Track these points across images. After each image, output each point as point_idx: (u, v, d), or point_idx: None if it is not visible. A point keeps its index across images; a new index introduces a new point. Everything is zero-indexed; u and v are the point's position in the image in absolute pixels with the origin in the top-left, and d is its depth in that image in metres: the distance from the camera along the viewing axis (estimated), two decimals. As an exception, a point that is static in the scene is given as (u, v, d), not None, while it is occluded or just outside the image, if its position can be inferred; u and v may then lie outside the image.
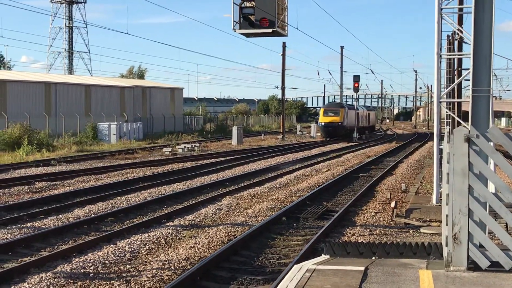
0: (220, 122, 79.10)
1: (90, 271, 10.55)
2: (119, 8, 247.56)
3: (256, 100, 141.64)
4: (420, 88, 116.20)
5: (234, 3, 21.04)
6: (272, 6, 21.05)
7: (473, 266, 7.60)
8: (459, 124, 17.50)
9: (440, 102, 16.16)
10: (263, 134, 63.49)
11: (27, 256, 11.77)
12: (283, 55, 60.39)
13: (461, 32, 17.38)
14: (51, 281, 9.91)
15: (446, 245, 7.66)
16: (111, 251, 11.87)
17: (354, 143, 52.85)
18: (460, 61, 23.94)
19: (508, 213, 7.54)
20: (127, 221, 15.38)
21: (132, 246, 12.38)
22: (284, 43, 59.91)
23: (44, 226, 14.49)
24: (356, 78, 61.20)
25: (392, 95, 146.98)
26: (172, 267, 10.84)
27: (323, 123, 56.93)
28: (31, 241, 12.78)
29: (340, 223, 15.13)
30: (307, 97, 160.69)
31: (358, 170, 27.94)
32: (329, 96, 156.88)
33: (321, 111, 58.55)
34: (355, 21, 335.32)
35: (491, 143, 7.75)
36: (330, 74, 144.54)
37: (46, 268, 10.72)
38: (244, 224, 14.89)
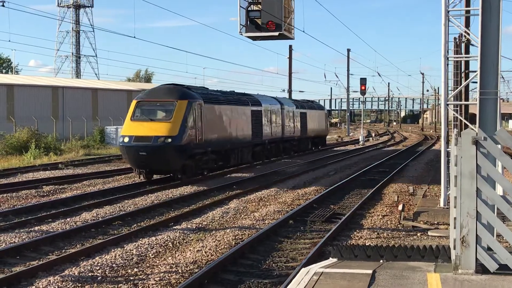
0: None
1: (98, 274, 10.58)
2: (126, 12, 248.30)
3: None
4: (427, 90, 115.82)
5: (241, 6, 21.10)
6: (279, 9, 21.10)
7: (481, 269, 7.57)
8: (466, 126, 17.46)
9: (448, 105, 16.12)
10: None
11: (35, 259, 11.80)
12: (290, 58, 60.44)
13: (468, 34, 17.35)
14: (59, 284, 9.94)
15: (454, 248, 7.64)
16: (119, 255, 11.90)
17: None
18: (467, 63, 23.92)
19: (517, 216, 7.51)
20: (135, 225, 15.41)
21: (139, 249, 12.40)
22: (290, 46, 59.98)
23: (51, 230, 14.53)
24: (363, 81, 61.11)
25: (399, 98, 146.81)
26: (180, 271, 10.85)
27: (126, 138, 23.27)
28: (39, 244, 12.82)
29: (348, 226, 15.10)
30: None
31: (365, 173, 27.94)
32: (335, 99, 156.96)
33: (131, 108, 24.57)
34: (362, 24, 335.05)
35: (499, 146, 7.72)
36: (337, 77, 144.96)
37: (54, 271, 10.74)
38: (251, 228, 14.89)
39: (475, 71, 18.14)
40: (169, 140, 22.72)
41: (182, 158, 23.40)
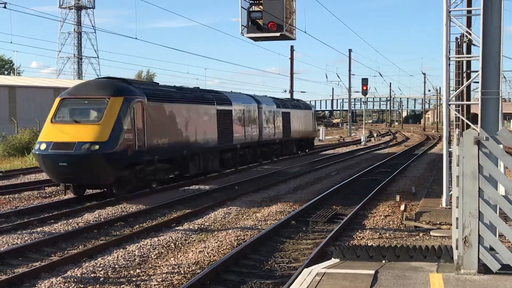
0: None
1: (100, 275, 10.58)
2: (128, 13, 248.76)
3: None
4: (429, 90, 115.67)
5: (242, 7, 21.08)
6: (280, 10, 21.08)
7: (483, 269, 7.57)
8: (468, 126, 17.45)
9: (449, 105, 16.12)
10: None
11: (37, 261, 11.82)
12: (291, 58, 60.45)
13: (470, 34, 17.35)
14: (62, 285, 9.95)
15: (457, 248, 7.64)
16: (121, 256, 11.90)
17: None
18: (468, 63, 23.89)
19: (519, 216, 7.51)
20: (137, 226, 15.42)
21: (141, 250, 12.41)
22: (292, 46, 59.97)
23: (54, 231, 14.55)
24: (365, 81, 60.97)
25: (400, 98, 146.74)
26: (182, 271, 10.85)
27: (42, 145, 19.04)
28: (41, 246, 12.84)
29: (350, 227, 15.10)
30: (315, 101, 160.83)
31: (367, 173, 27.94)
32: (337, 100, 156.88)
33: (53, 107, 20.14)
34: (363, 24, 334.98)
35: (501, 146, 7.72)
36: (339, 77, 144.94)
37: (57, 272, 10.76)
38: (253, 228, 14.89)
39: (476, 71, 18.16)
40: (96, 147, 18.39)
41: (115, 169, 18.92)
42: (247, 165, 31.17)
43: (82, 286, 10.00)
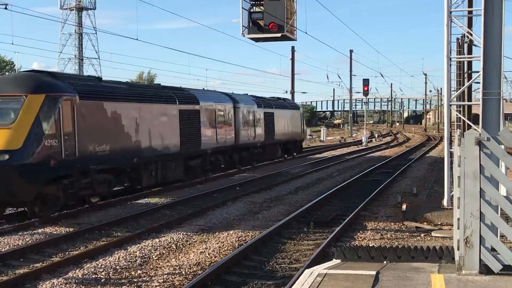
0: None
1: (102, 276, 10.59)
2: (129, 14, 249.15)
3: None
4: (430, 91, 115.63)
5: (243, 8, 21.09)
6: (281, 10, 21.09)
7: (485, 269, 7.56)
8: (469, 127, 17.44)
9: (450, 105, 16.11)
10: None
11: (38, 262, 11.83)
12: (292, 59, 60.45)
13: (471, 34, 17.35)
14: (63, 286, 9.97)
15: (458, 249, 7.64)
16: (122, 257, 11.91)
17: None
18: (470, 63, 23.91)
19: (520, 216, 7.51)
20: (138, 227, 15.41)
21: (143, 251, 12.42)
22: (293, 47, 59.95)
23: (55, 232, 14.55)
24: (366, 82, 60.93)
25: (401, 99, 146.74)
26: (183, 272, 10.85)
27: None
28: (42, 247, 12.85)
29: (351, 227, 15.09)
30: (316, 101, 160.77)
31: (368, 174, 27.93)
32: (338, 100, 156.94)
33: None
34: (364, 24, 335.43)
35: (502, 146, 7.72)
36: (340, 78, 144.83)
37: (58, 274, 10.76)
38: (255, 229, 14.88)
39: (478, 72, 18.16)
40: (6, 156, 14.92)
41: (33, 184, 15.38)
42: (221, 172, 27.91)
43: (83, 287, 10.01)
